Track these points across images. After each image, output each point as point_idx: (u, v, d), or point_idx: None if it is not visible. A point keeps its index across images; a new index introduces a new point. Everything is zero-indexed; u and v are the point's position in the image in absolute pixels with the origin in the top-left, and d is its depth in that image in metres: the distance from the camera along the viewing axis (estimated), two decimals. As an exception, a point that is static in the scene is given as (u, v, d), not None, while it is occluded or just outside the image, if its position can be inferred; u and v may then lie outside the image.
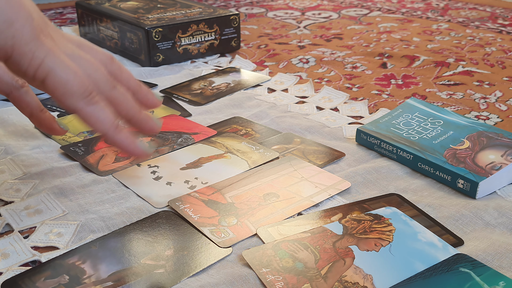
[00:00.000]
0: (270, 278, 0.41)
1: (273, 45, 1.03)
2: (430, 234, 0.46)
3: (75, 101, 0.38)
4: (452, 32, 1.11)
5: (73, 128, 0.68)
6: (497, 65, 0.90)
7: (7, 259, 0.44)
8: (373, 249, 0.44)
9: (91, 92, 0.38)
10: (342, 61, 0.94)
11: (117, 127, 0.40)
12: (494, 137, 0.57)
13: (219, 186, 0.54)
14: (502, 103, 0.74)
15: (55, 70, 0.37)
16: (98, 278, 0.41)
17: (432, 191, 0.53)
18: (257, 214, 0.49)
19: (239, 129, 0.67)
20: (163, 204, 0.51)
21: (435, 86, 0.81)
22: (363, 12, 1.31)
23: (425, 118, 0.62)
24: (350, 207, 0.50)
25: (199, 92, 0.80)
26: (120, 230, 0.47)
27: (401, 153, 0.57)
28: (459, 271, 0.41)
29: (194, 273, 0.42)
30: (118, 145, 0.41)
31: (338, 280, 0.41)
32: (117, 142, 0.41)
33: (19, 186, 0.54)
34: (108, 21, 0.97)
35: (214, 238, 0.46)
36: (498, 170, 0.52)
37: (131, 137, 0.41)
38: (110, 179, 0.55)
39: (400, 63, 0.92)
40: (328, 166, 0.58)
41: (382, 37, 1.08)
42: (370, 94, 0.78)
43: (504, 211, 0.49)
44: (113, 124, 0.40)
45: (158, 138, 0.64)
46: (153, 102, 0.46)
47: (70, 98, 0.38)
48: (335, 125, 0.68)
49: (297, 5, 1.40)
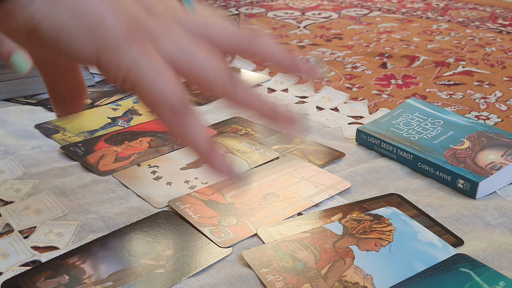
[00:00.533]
0: (270, 278, 0.41)
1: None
2: (430, 234, 0.46)
3: (163, 113, 0.33)
4: (452, 32, 1.11)
5: (73, 128, 0.68)
6: (497, 65, 0.90)
7: (7, 259, 0.44)
8: (373, 249, 0.44)
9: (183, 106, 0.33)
10: (342, 61, 0.94)
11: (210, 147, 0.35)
12: (494, 137, 0.57)
13: (219, 186, 0.54)
14: (502, 103, 0.74)
15: (142, 80, 0.32)
16: (98, 278, 0.41)
17: (432, 191, 0.53)
18: (257, 214, 0.49)
19: (239, 129, 0.67)
20: (163, 204, 0.51)
21: (435, 86, 0.81)
22: (363, 12, 1.31)
23: (425, 118, 0.62)
24: (350, 207, 0.50)
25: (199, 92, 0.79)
26: (120, 230, 0.47)
27: (401, 153, 0.57)
28: (459, 271, 0.41)
29: (194, 273, 0.42)
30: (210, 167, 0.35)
31: (338, 280, 0.41)
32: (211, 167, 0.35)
33: (19, 186, 0.54)
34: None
35: (214, 238, 0.46)
36: (498, 170, 0.52)
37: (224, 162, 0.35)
38: (110, 179, 0.55)
39: (400, 63, 0.92)
40: (328, 166, 0.58)
41: (382, 37, 1.08)
42: (370, 94, 0.78)
43: (504, 211, 0.49)
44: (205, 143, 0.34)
45: (158, 138, 0.64)
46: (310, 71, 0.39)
47: (157, 110, 0.33)
48: (335, 125, 0.68)
49: (297, 5, 1.40)
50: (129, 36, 0.32)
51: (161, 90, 0.32)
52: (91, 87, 0.81)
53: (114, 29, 0.31)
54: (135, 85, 0.32)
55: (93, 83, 0.82)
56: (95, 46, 0.31)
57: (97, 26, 0.31)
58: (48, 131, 0.67)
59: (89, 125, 0.68)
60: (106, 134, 0.65)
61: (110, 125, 0.69)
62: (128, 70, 0.32)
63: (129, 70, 0.32)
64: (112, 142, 0.63)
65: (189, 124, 0.34)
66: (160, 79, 0.32)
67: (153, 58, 0.32)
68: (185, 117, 0.34)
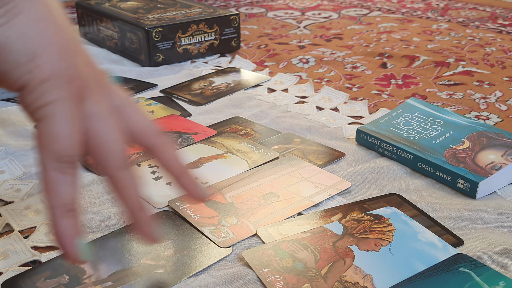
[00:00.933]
0: (270, 278, 0.41)
1: (273, 45, 1.03)
2: (430, 234, 0.46)
3: (47, 157, 0.32)
4: (452, 32, 1.11)
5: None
6: (497, 65, 0.90)
7: (7, 259, 0.44)
8: (373, 249, 0.44)
9: (71, 162, 0.32)
10: (342, 61, 0.94)
11: (68, 211, 0.32)
12: (494, 137, 0.57)
13: (219, 186, 0.54)
14: (502, 103, 0.74)
15: (51, 119, 0.31)
16: (98, 278, 0.41)
17: (432, 191, 0.53)
18: (257, 214, 0.49)
19: (239, 129, 0.67)
20: (163, 204, 0.51)
21: (435, 86, 0.81)
22: (363, 12, 1.31)
23: (425, 118, 0.62)
24: (350, 207, 0.50)
25: (199, 92, 0.80)
26: (120, 230, 0.47)
27: (401, 153, 0.57)
28: (459, 271, 0.41)
29: (194, 273, 0.42)
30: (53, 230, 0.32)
31: (338, 280, 0.41)
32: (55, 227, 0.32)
33: (19, 186, 0.54)
34: (108, 21, 0.97)
35: (214, 238, 0.46)
36: (498, 170, 0.52)
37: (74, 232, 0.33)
38: (110, 179, 0.55)
39: (400, 63, 0.92)
40: (328, 166, 0.58)
41: (382, 37, 1.08)
42: (370, 94, 0.78)
43: (504, 211, 0.49)
44: (64, 204, 0.32)
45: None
46: (196, 194, 0.38)
47: (45, 151, 0.32)
48: (335, 125, 0.68)
49: (297, 5, 1.40)
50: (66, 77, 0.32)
51: (61, 137, 0.32)
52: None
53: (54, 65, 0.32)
54: (43, 119, 0.32)
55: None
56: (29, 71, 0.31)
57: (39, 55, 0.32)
58: (48, 131, 0.66)
59: (89, 125, 0.68)
60: (106, 134, 0.65)
61: (110, 125, 0.68)
62: (47, 104, 0.31)
63: (48, 104, 0.31)
64: (112, 142, 0.63)
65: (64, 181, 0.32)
66: (67, 130, 0.32)
67: (72, 109, 0.32)
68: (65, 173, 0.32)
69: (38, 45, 0.32)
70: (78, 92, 0.33)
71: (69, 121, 0.32)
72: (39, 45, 0.32)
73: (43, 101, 0.32)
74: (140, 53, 0.90)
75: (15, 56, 0.31)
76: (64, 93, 0.32)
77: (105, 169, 0.35)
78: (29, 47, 0.31)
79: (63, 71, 0.32)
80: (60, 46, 0.32)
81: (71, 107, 0.32)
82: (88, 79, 0.34)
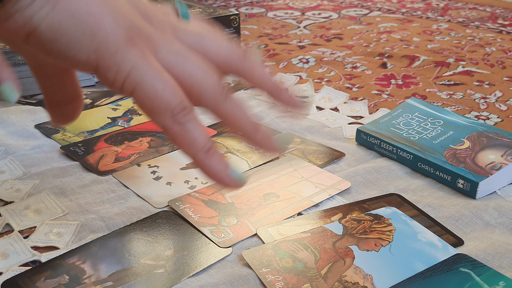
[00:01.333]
0: (270, 278, 0.41)
1: (273, 45, 1.03)
2: (430, 234, 0.46)
3: (162, 118, 0.33)
4: (452, 32, 1.11)
5: (73, 128, 0.68)
6: (497, 65, 0.90)
7: (7, 259, 0.44)
8: (373, 249, 0.44)
9: (184, 109, 0.33)
10: (342, 61, 0.94)
11: (208, 151, 0.34)
12: (494, 137, 0.57)
13: (219, 186, 0.54)
14: (502, 103, 0.74)
15: (142, 84, 0.32)
16: (98, 278, 0.41)
17: (432, 191, 0.53)
18: (257, 214, 0.49)
19: (239, 129, 0.67)
20: (163, 204, 0.51)
21: (435, 86, 0.81)
22: (363, 12, 1.31)
23: (425, 118, 0.62)
24: (350, 207, 0.50)
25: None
26: (120, 230, 0.47)
27: (401, 153, 0.57)
28: (459, 271, 0.41)
29: (194, 273, 0.42)
30: (206, 172, 0.35)
31: (338, 280, 0.41)
32: (205, 169, 0.35)
33: (19, 186, 0.54)
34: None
35: (214, 238, 0.46)
36: (498, 170, 0.52)
37: (224, 164, 0.35)
38: (110, 179, 0.55)
39: (400, 63, 0.92)
40: (328, 166, 0.58)
41: (382, 37, 1.08)
42: (370, 94, 0.78)
43: (504, 211, 0.49)
44: (203, 147, 0.34)
45: (158, 138, 0.64)
46: (298, 106, 0.39)
47: (157, 114, 0.33)
48: (335, 125, 0.68)
49: (297, 5, 1.40)
50: (128, 40, 0.32)
51: (161, 93, 0.32)
52: (91, 87, 0.81)
53: (113, 33, 0.31)
54: (135, 89, 0.32)
55: (93, 83, 0.82)
56: (94, 49, 0.31)
57: (97, 30, 0.31)
58: (48, 131, 0.67)
59: (89, 125, 0.68)
60: (106, 134, 0.65)
61: (110, 125, 0.69)
62: (128, 74, 0.32)
63: (129, 73, 0.32)
64: (112, 142, 0.63)
65: (189, 128, 0.33)
66: (160, 83, 0.32)
67: (152, 63, 0.32)
68: (186, 121, 0.33)
69: (92, 19, 0.31)
70: (148, 47, 0.33)
71: (158, 76, 0.32)
72: (93, 19, 0.31)
73: (123, 74, 0.32)
74: (140, 53, 0.90)
75: (74, 39, 0.31)
76: (137, 56, 0.32)
77: (209, 107, 0.35)
78: (85, 25, 0.31)
79: (126, 36, 0.32)
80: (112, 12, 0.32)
81: (150, 64, 0.32)
82: (150, 30, 0.33)
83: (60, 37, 0.31)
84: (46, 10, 0.30)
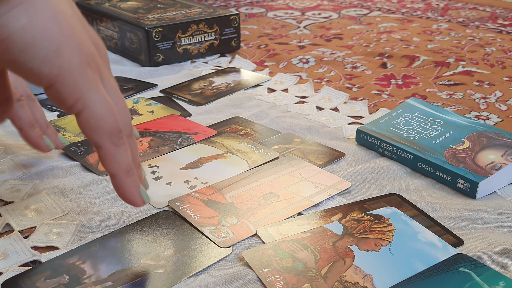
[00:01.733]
0: (270, 278, 0.41)
1: (273, 45, 1.03)
2: (430, 234, 0.46)
3: (102, 138, 0.36)
4: (452, 32, 1.11)
5: (73, 128, 0.68)
6: (497, 65, 0.90)
7: (7, 259, 0.44)
8: (373, 249, 0.44)
9: (120, 132, 0.37)
10: (342, 61, 0.94)
11: (129, 172, 0.38)
12: (494, 137, 0.57)
13: (219, 186, 0.54)
14: (502, 103, 0.74)
15: (93, 106, 0.35)
16: (98, 278, 0.41)
17: (432, 191, 0.53)
18: (257, 214, 0.49)
19: (239, 129, 0.67)
20: (163, 204, 0.51)
21: (435, 86, 0.81)
22: (363, 12, 1.31)
23: (425, 118, 0.62)
24: (350, 207, 0.50)
25: (199, 92, 0.80)
26: (120, 230, 0.47)
27: (401, 153, 0.57)
28: (459, 271, 0.41)
29: (194, 273, 0.42)
30: (121, 190, 0.39)
31: (338, 280, 0.41)
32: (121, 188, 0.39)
33: (19, 186, 0.54)
34: (108, 21, 0.97)
35: (214, 238, 0.46)
36: (498, 170, 0.52)
37: (137, 185, 0.39)
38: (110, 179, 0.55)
39: (400, 63, 0.92)
40: (328, 166, 0.58)
41: (382, 37, 1.08)
42: (370, 94, 0.78)
43: (504, 211, 0.49)
44: (125, 168, 0.38)
45: (158, 138, 0.64)
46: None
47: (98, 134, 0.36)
48: (335, 125, 0.68)
49: (297, 5, 1.40)
50: (87, 64, 0.35)
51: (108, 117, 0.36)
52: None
53: (77, 55, 0.34)
54: (84, 110, 0.35)
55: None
56: (58, 66, 0.33)
57: (65, 49, 0.33)
58: (48, 131, 0.67)
59: (89, 125, 0.68)
60: (106, 134, 0.65)
61: (110, 125, 0.68)
62: (83, 95, 0.34)
63: (83, 95, 0.34)
64: (112, 142, 0.63)
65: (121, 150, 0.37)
66: (107, 109, 0.35)
67: (102, 90, 0.36)
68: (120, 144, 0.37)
69: (63, 39, 0.33)
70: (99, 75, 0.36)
71: (106, 103, 0.36)
72: (64, 39, 0.33)
73: (78, 94, 0.34)
74: (140, 53, 0.90)
75: (42, 53, 0.33)
76: (92, 80, 0.35)
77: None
78: (54, 43, 0.33)
79: (86, 60, 0.35)
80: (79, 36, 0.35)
81: (101, 90, 0.36)
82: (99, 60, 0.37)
83: (29, 50, 0.32)
84: (22, 22, 0.32)
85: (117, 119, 0.36)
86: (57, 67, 0.33)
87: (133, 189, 0.39)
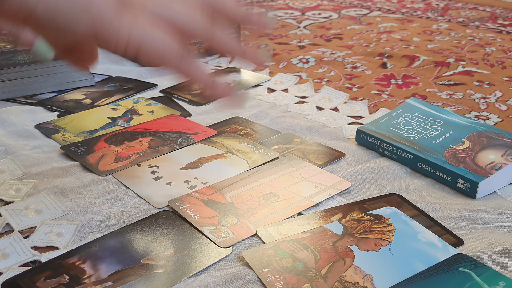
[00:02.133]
0: (270, 278, 0.41)
1: (273, 45, 1.03)
2: (430, 234, 0.46)
3: (171, 63, 0.38)
4: (452, 32, 1.11)
5: (73, 128, 0.68)
6: (497, 65, 0.90)
7: (7, 259, 0.44)
8: (373, 249, 0.44)
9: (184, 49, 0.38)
10: (342, 61, 0.94)
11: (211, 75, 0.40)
12: (494, 137, 0.57)
13: (219, 186, 0.54)
14: (502, 103, 0.74)
15: (144, 43, 0.36)
16: (98, 278, 0.41)
17: (432, 191, 0.53)
18: (257, 214, 0.49)
19: (239, 129, 0.67)
20: (163, 204, 0.51)
21: (435, 86, 0.81)
22: (363, 12, 1.31)
23: (425, 118, 0.62)
24: (350, 207, 0.50)
25: (199, 92, 0.80)
26: (120, 230, 0.47)
27: (401, 153, 0.57)
28: (459, 271, 0.41)
29: (194, 273, 0.42)
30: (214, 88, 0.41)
31: (338, 280, 0.41)
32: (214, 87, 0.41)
33: (19, 186, 0.54)
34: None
35: (214, 238, 0.46)
36: (498, 170, 0.52)
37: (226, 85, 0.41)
38: (110, 179, 0.55)
39: (400, 63, 0.92)
40: (328, 166, 0.58)
41: (382, 37, 1.08)
42: (370, 94, 0.78)
43: (504, 211, 0.49)
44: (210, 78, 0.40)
45: (158, 138, 0.64)
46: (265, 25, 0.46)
47: (167, 60, 0.38)
48: (335, 125, 0.68)
49: (297, 5, 1.40)
50: (118, 8, 0.36)
51: (164, 44, 0.37)
52: (91, 87, 0.81)
53: (104, 5, 0.35)
54: (140, 47, 0.36)
55: (93, 83, 0.82)
56: (91, 22, 0.35)
57: (89, 5, 0.34)
58: (48, 131, 0.67)
59: (89, 125, 0.68)
60: (106, 134, 0.65)
61: (110, 125, 0.69)
62: (129, 37, 0.36)
63: (129, 36, 0.36)
64: (112, 142, 0.63)
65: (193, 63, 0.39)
66: (159, 36, 0.37)
67: (145, 22, 0.37)
68: (189, 59, 0.39)
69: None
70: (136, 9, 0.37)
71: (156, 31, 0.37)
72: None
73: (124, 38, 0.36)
74: (140, 53, 0.90)
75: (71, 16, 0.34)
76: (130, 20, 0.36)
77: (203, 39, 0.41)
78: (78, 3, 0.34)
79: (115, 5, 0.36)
80: None
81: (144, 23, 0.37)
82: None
83: (57, 17, 0.34)
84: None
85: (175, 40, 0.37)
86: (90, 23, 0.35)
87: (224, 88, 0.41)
